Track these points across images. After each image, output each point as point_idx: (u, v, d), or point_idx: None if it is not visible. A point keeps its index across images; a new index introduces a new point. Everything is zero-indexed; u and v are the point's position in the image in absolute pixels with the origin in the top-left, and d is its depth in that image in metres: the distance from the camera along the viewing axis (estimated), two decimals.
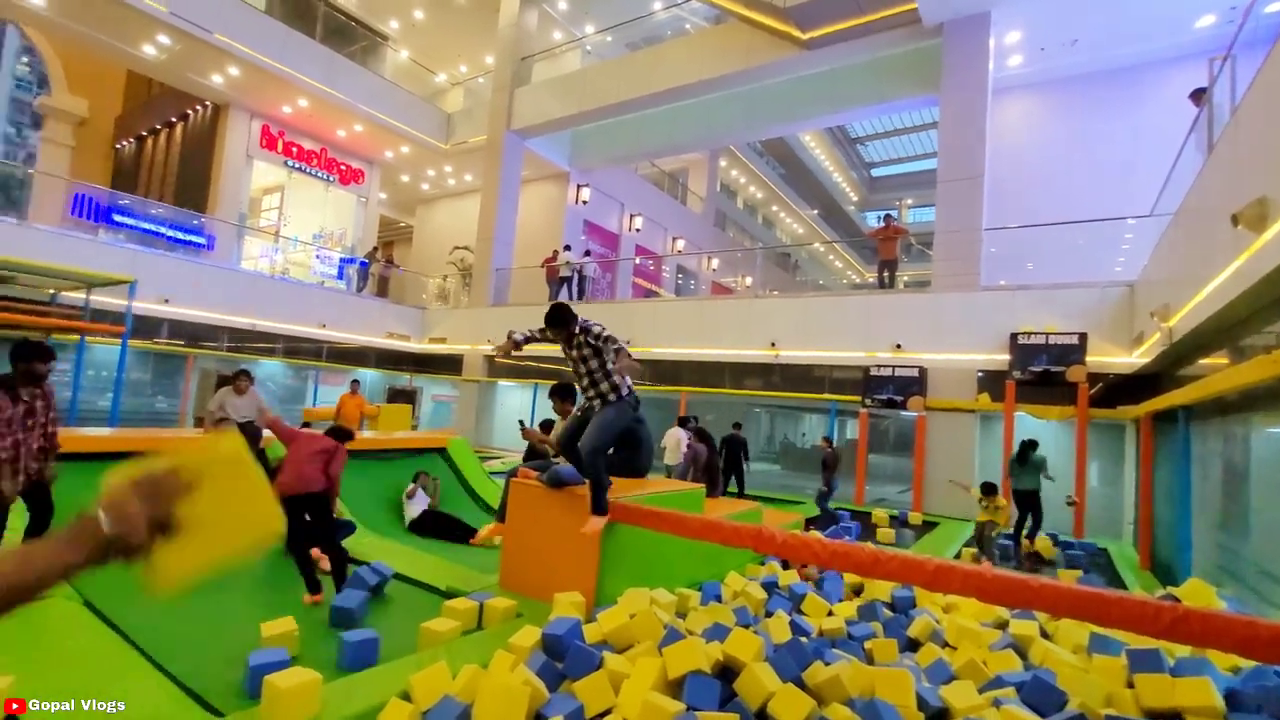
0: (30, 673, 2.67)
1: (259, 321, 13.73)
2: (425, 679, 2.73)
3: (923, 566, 2.90)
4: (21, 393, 3.52)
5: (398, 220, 24.69)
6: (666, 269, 23.05)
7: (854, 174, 34.41)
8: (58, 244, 10.67)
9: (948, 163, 10.44)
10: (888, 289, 11.11)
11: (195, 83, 15.04)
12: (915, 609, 4.60)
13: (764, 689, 2.79)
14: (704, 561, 5.16)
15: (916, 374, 9.75)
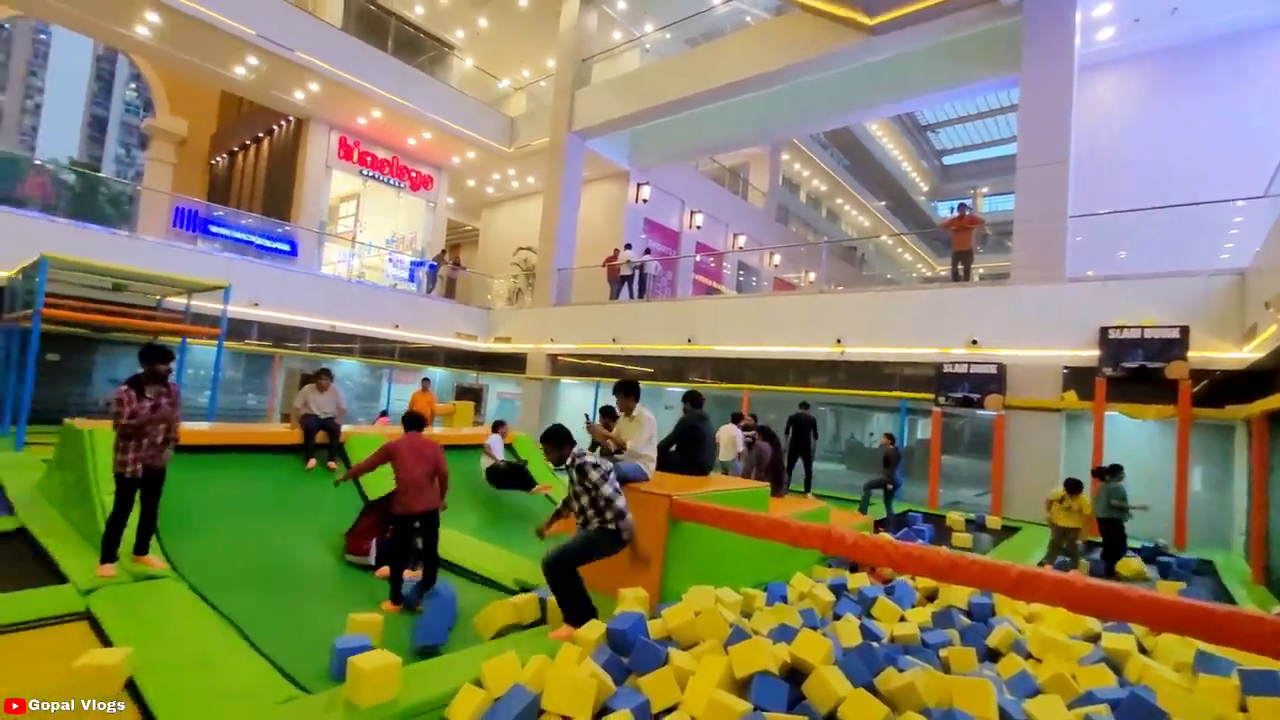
0: (146, 645, 2.92)
1: (338, 323, 14.49)
2: (496, 667, 2.81)
3: (1005, 573, 2.74)
4: (148, 390, 3.99)
5: (464, 223, 25.51)
6: (728, 265, 22.82)
7: (924, 163, 33.05)
8: (162, 254, 11.61)
9: (1028, 147, 9.84)
10: (962, 282, 10.60)
11: (279, 99, 16.02)
12: (995, 618, 4.38)
13: (834, 693, 2.72)
14: (769, 561, 5.08)
15: (994, 371, 9.25)
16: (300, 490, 5.97)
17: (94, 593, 3.60)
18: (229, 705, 2.54)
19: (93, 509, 4.46)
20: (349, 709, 2.49)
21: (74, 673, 2.55)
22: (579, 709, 2.59)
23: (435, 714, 2.66)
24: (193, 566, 4.31)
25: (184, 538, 4.64)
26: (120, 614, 3.34)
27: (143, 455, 3.98)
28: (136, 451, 3.96)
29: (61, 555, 4.12)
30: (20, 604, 3.35)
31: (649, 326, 13.80)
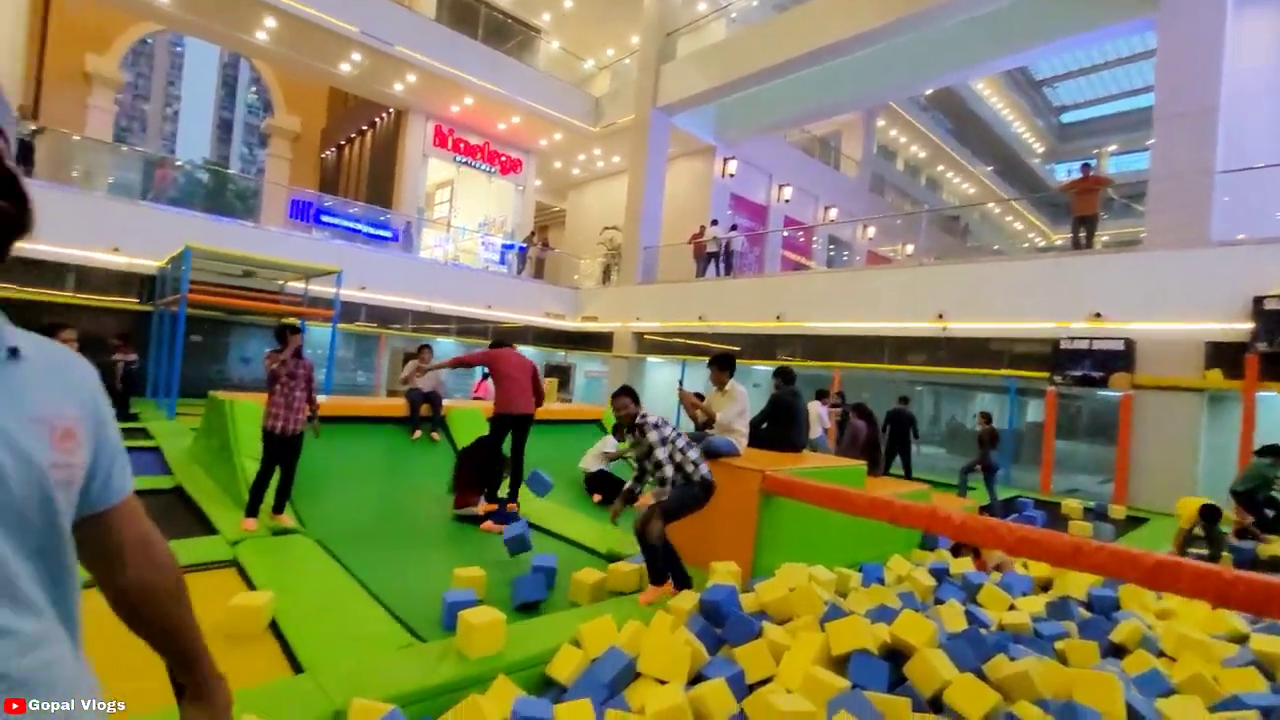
0: (283, 591, 3.25)
1: (435, 304, 15.29)
2: (593, 629, 2.91)
3: (1139, 561, 2.51)
4: (289, 362, 4.54)
5: (551, 205, 26.06)
6: (817, 240, 22.00)
7: (1039, 121, 30.24)
8: (283, 242, 12.66)
9: (1168, 96, 8.75)
10: (1084, 250, 9.65)
11: (380, 92, 16.92)
12: (1120, 612, 4.03)
13: (939, 676, 2.61)
14: (864, 542, 4.92)
15: (1121, 347, 8.41)
16: (408, 458, 6.41)
17: (240, 544, 4.04)
18: (357, 647, 2.79)
19: (234, 471, 4.99)
20: (460, 658, 2.66)
21: (229, 611, 2.89)
22: (675, 673, 2.63)
23: (537, 669, 2.79)
24: (319, 524, 4.74)
25: (311, 498, 5.10)
26: (261, 563, 3.74)
27: (284, 415, 4.50)
28: (283, 410, 4.50)
29: (211, 510, 4.65)
30: (182, 551, 3.82)
31: (736, 304, 13.59)
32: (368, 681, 2.40)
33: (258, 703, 2.17)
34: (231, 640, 2.84)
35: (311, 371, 4.71)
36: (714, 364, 4.64)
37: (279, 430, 4.49)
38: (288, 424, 4.51)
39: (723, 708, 2.47)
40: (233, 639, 2.85)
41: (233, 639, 2.85)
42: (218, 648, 2.70)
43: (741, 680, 2.70)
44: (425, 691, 2.44)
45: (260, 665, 2.68)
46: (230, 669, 2.57)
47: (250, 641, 2.85)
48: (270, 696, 2.27)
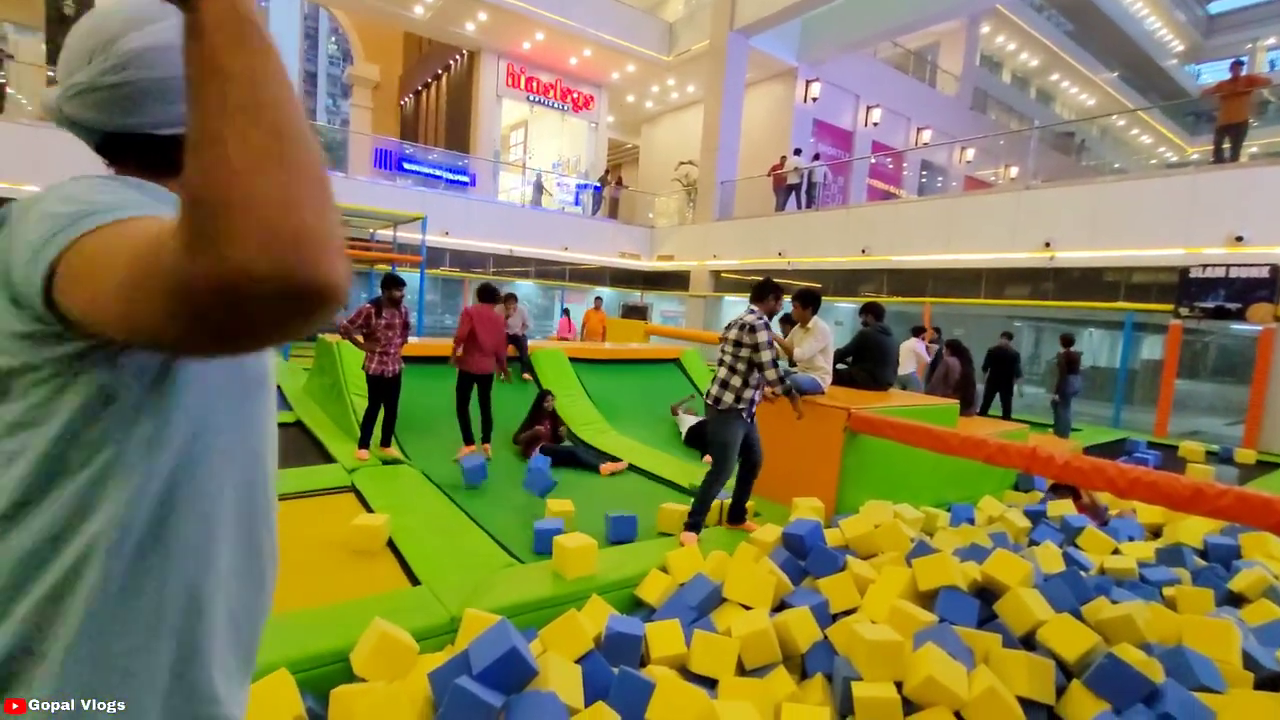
0: (397, 514, 3.59)
1: (515, 247, 15.61)
2: (680, 556, 3.04)
3: (1271, 506, 2.31)
4: (384, 311, 4.87)
5: (624, 142, 25.56)
6: (908, 167, 20.50)
7: (1180, 14, 26.28)
8: (370, 191, 13.18)
9: None
10: (1227, 164, 8.48)
11: (452, 33, 16.89)
12: (1240, 560, 3.76)
13: (1033, 616, 2.56)
14: (952, 483, 4.79)
15: (1265, 275, 7.46)
16: (496, 398, 6.72)
17: (355, 471, 4.46)
18: (464, 565, 3.07)
19: (345, 407, 5.45)
20: (557, 578, 2.87)
21: (353, 529, 3.24)
22: (759, 600, 2.72)
23: (626, 591, 2.96)
24: (421, 457, 5.13)
25: (413, 433, 5.53)
26: (376, 489, 4.13)
27: (378, 361, 4.86)
28: (373, 360, 4.86)
29: (329, 442, 5.13)
30: (308, 477, 4.28)
31: (818, 238, 13.04)
32: (477, 594, 2.65)
33: (384, 607, 2.44)
34: (356, 555, 3.18)
35: (407, 318, 5.04)
36: (797, 299, 4.53)
37: (378, 373, 4.85)
38: (384, 367, 4.87)
39: (807, 634, 2.55)
40: (357, 554, 3.19)
41: (357, 554, 3.19)
42: (344, 561, 3.08)
43: (825, 610, 2.76)
44: (527, 605, 2.66)
45: (382, 577, 3.00)
46: (356, 579, 2.91)
47: (372, 557, 3.18)
48: (394, 603, 2.55)
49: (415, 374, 5.90)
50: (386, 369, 4.87)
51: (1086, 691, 2.26)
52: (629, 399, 7.51)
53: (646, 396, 7.65)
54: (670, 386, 8.11)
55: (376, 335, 4.83)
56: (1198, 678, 2.30)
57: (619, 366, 8.06)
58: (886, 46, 19.14)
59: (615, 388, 7.56)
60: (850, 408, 4.01)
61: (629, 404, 7.41)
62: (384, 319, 4.85)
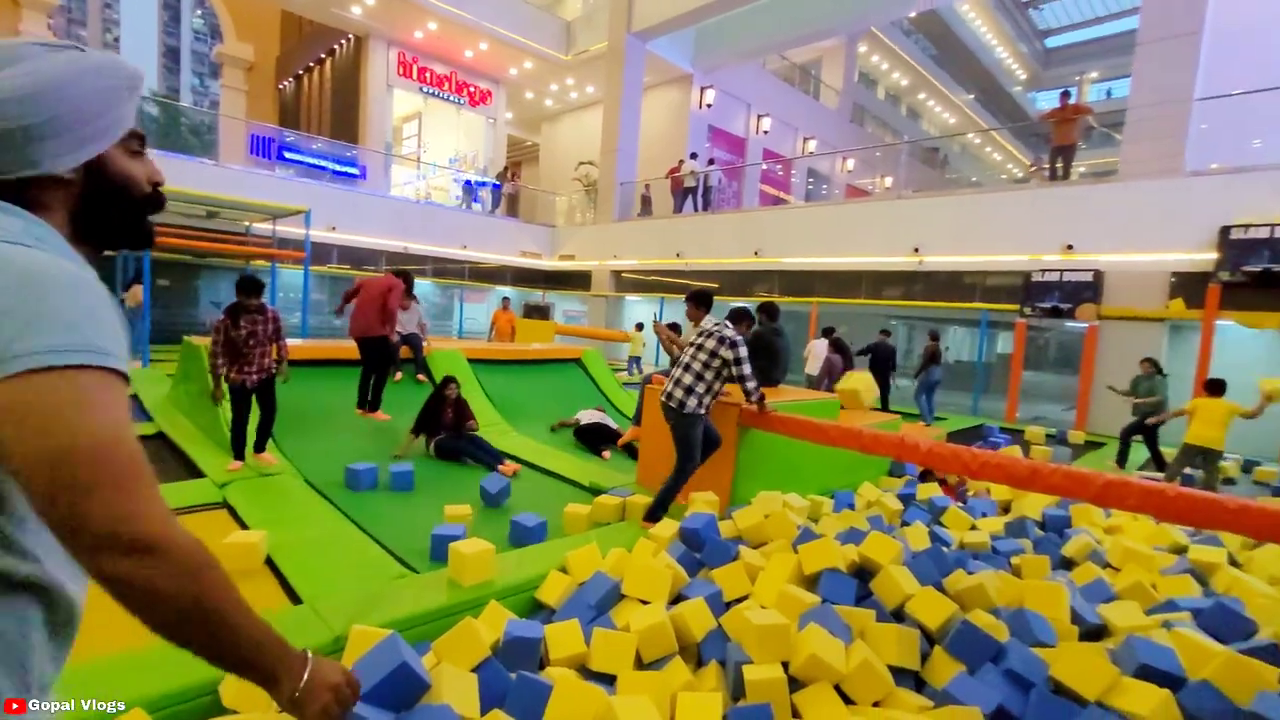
0: (275, 529, 3.34)
1: (409, 244, 14.94)
2: (579, 556, 3.05)
3: (1090, 481, 2.69)
4: (243, 319, 4.41)
5: (524, 139, 25.16)
6: (796, 173, 21.68)
7: (1023, 46, 29.55)
8: (245, 180, 12.13)
9: (1152, 17, 8.60)
10: (1059, 181, 9.68)
11: (336, 15, 15.89)
12: (1071, 529, 4.32)
13: (902, 590, 2.81)
14: (837, 471, 5.14)
15: (1090, 278, 8.60)
16: (389, 399, 6.42)
17: (228, 485, 4.10)
18: (352, 579, 2.90)
19: (216, 416, 4.99)
20: (453, 586, 2.79)
21: (223, 549, 2.97)
22: (657, 594, 2.79)
23: (526, 595, 2.93)
24: (305, 463, 4.80)
25: (296, 439, 5.15)
26: (251, 503, 3.81)
27: (240, 372, 4.44)
28: (234, 369, 4.43)
29: (197, 454, 4.68)
30: (173, 494, 3.88)
31: (714, 240, 13.50)
32: (365, 609, 2.52)
33: None
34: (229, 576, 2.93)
35: (275, 322, 4.60)
36: (691, 300, 4.68)
37: (238, 382, 4.44)
38: (245, 376, 4.44)
39: (702, 624, 2.65)
40: (230, 575, 2.94)
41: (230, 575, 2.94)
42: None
43: (719, 599, 2.88)
44: (421, 617, 2.57)
45: (258, 598, 2.77)
46: None
47: (247, 577, 2.95)
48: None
49: (301, 376, 5.53)
50: (248, 377, 4.45)
51: (946, 655, 2.51)
52: (530, 400, 7.42)
53: (548, 397, 7.60)
54: (572, 387, 8.10)
55: (239, 349, 4.40)
56: (1035, 635, 2.62)
57: (519, 367, 7.95)
58: (775, 59, 20.15)
59: (516, 388, 7.45)
60: (741, 404, 4.20)
61: (530, 405, 7.32)
62: (243, 328, 4.40)
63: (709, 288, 4.88)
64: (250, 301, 4.44)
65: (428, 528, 3.52)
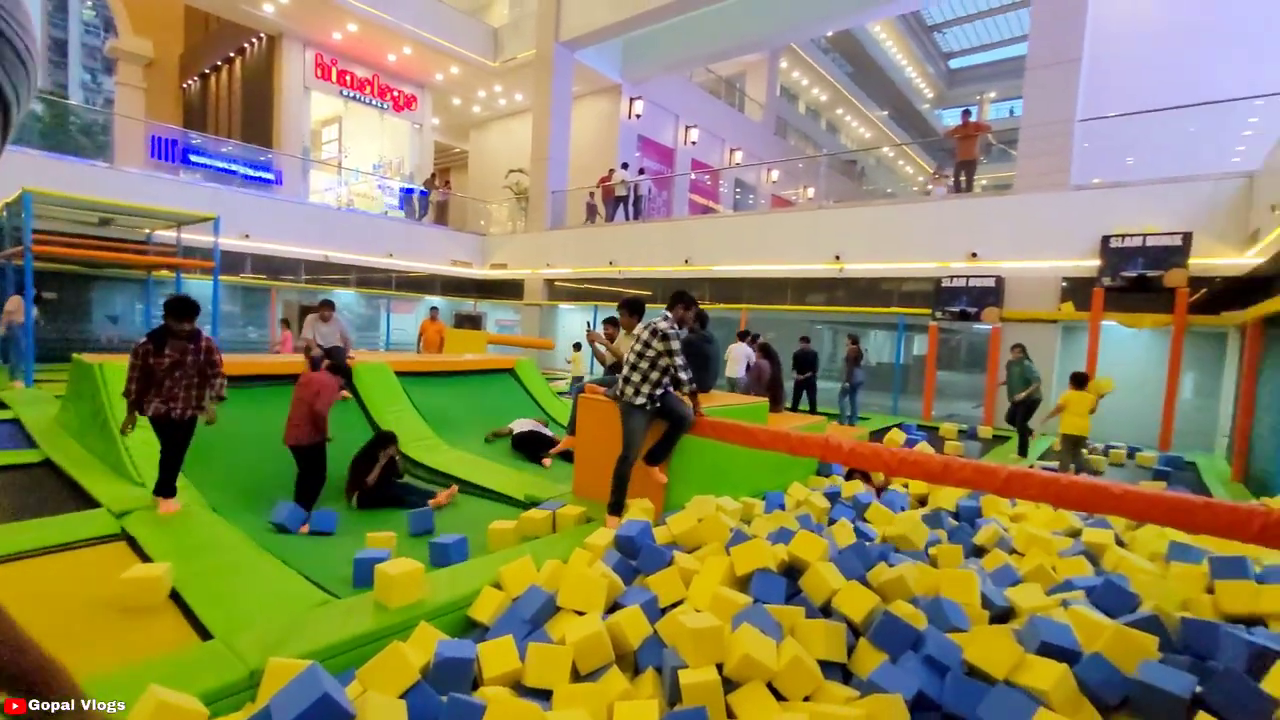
0: (183, 561, 3.11)
1: (331, 253, 14.31)
2: (513, 570, 3.01)
3: (996, 473, 2.88)
4: (169, 346, 3.84)
5: (452, 146, 24.64)
6: (724, 183, 22.24)
7: (930, 67, 31.50)
8: (146, 185, 11.30)
9: (1039, 46, 9.38)
10: (964, 193, 10.38)
11: (247, 13, 15.10)
12: (981, 518, 4.61)
13: (829, 586, 2.92)
14: (768, 473, 5.28)
15: (993, 284, 9.25)
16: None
17: (128, 515, 3.77)
18: (268, 609, 2.73)
19: (113, 440, 4.59)
20: (380, 609, 2.68)
21: (123, 584, 2.73)
22: (592, 604, 2.79)
23: (459, 614, 2.86)
24: (215, 490, 4.50)
25: (206, 464, 4.80)
26: (155, 534, 3.52)
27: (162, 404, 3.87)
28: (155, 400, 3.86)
29: (90, 483, 4.28)
30: (61, 527, 3.53)
31: (646, 248, 13.64)
32: (282, 640, 2.38)
33: (163, 672, 2.11)
34: (129, 614, 2.70)
35: (209, 355, 4.00)
36: (623, 308, 4.71)
37: (161, 414, 3.86)
38: (169, 407, 3.86)
39: (638, 631, 2.66)
40: (130, 613, 2.71)
41: (130, 613, 2.71)
42: (112, 623, 2.60)
43: (655, 605, 2.90)
44: (345, 644, 2.46)
45: (164, 636, 2.58)
46: (128, 642, 2.48)
47: (150, 614, 2.73)
48: (177, 665, 2.21)
49: None
50: (173, 409, 3.86)
51: (870, 646, 2.63)
52: (462, 412, 7.25)
53: (480, 408, 7.44)
54: (505, 397, 7.97)
55: (158, 380, 3.81)
56: (950, 621, 2.78)
57: (450, 379, 7.75)
58: (701, 72, 20.65)
59: (447, 401, 7.25)
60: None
61: (462, 417, 7.15)
62: (166, 356, 3.80)
63: (641, 296, 4.93)
64: (180, 326, 3.83)
65: (349, 558, 3.37)
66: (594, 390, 4.76)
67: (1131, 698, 2.26)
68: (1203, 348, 8.62)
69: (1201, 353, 8.65)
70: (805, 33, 18.96)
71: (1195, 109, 9.08)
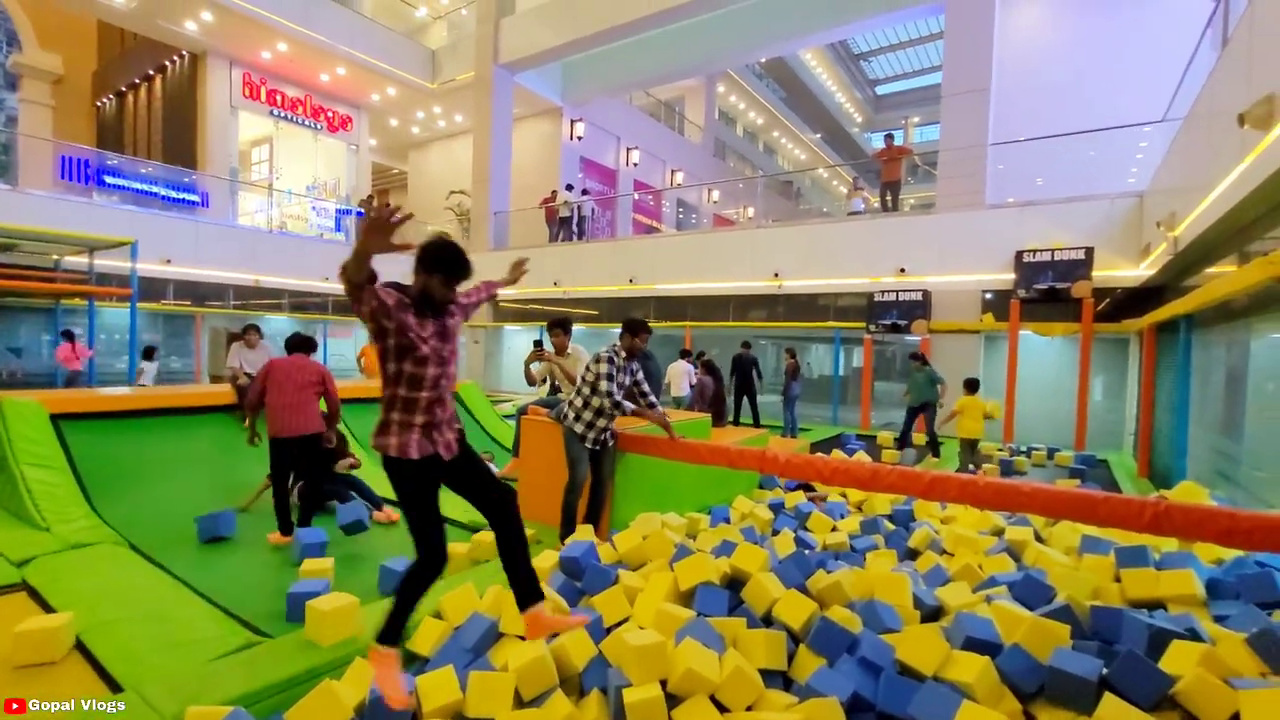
0: (92, 607, 2.90)
1: (261, 277, 13.75)
2: (454, 599, 2.94)
3: (919, 478, 3.03)
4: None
5: (390, 167, 24.20)
6: (667, 204, 22.64)
7: (858, 93, 33.12)
8: (54, 209, 10.61)
9: (953, 75, 10.05)
10: (891, 212, 10.93)
11: (167, 30, 14.50)
12: (915, 522, 4.81)
13: (769, 595, 2.98)
14: (713, 487, 5.36)
15: (920, 297, 9.73)
16: (241, 447, 5.83)
17: (28, 564, 3.50)
18: (185, 653, 2.58)
19: (14, 480, 4.25)
20: (310, 648, 2.57)
21: (18, 639, 2.52)
22: None
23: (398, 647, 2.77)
24: (135, 527, 4.22)
25: (123, 500, 4.51)
26: (59, 582, 3.27)
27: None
28: None
29: None
30: None
31: (590, 268, 13.71)
32: (203, 687, 2.25)
33: None
34: (25, 672, 2.49)
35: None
36: (556, 328, 4.75)
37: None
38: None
39: (582, 652, 2.64)
40: (27, 670, 2.50)
41: (27, 670, 2.50)
42: (5, 682, 2.39)
43: (600, 625, 2.90)
44: (273, 687, 2.34)
45: (65, 691, 2.39)
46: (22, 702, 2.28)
47: (49, 671, 2.52)
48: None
49: (124, 428, 4.89)
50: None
51: (809, 652, 2.70)
52: None
53: None
54: None
55: None
56: (884, 622, 2.88)
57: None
58: (641, 96, 21.08)
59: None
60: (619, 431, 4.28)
61: None
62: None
63: (565, 316, 4.97)
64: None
65: (285, 587, 3.22)
66: (536, 412, 4.74)
67: (1046, 684, 2.40)
68: (1110, 353, 9.30)
69: (1109, 358, 9.33)
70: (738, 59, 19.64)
71: (1096, 134, 9.85)
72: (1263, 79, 3.53)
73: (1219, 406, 5.73)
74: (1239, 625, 2.69)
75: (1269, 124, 3.28)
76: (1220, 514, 2.38)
